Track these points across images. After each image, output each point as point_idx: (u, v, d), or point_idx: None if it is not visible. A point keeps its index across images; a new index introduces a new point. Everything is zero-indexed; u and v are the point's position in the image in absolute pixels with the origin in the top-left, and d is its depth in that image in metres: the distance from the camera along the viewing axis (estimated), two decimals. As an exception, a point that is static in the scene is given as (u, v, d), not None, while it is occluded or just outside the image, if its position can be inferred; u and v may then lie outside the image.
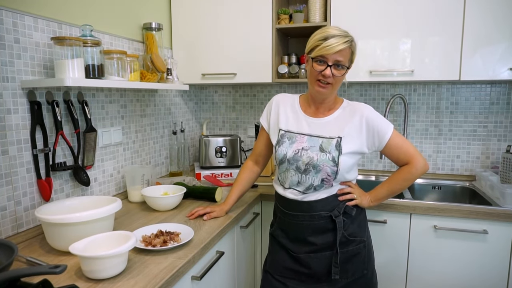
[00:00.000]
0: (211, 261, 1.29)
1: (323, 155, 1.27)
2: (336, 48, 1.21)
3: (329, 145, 1.29)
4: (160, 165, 2.09)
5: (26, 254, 1.12)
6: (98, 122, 1.59)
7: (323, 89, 1.27)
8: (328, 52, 1.22)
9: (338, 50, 1.21)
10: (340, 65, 1.24)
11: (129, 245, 0.98)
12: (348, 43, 1.23)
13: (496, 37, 1.69)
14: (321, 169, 1.27)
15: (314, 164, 1.27)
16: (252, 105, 2.48)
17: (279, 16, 2.00)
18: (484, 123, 2.08)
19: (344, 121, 1.32)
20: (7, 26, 1.18)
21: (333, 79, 1.25)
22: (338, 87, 1.31)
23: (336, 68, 1.24)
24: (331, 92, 1.30)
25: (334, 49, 1.21)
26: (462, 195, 2.01)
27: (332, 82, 1.26)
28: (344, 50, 1.23)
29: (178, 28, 2.12)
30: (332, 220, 1.30)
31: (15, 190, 1.22)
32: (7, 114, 1.19)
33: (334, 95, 1.35)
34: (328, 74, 1.24)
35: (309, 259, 1.33)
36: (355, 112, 1.32)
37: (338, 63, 1.24)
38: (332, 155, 1.27)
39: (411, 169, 1.32)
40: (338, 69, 1.25)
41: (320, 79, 1.26)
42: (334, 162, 1.27)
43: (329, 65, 1.23)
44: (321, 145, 1.29)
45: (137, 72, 1.57)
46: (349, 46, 1.24)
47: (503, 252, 1.57)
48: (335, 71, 1.24)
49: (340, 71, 1.25)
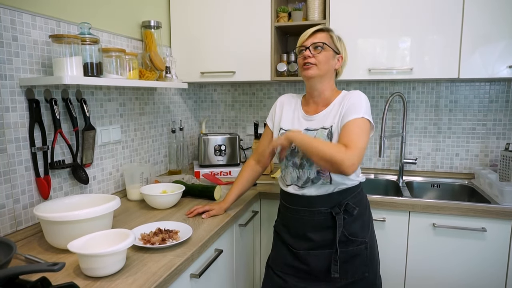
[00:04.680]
0: (209, 259, 1.29)
1: None
2: (308, 33, 1.34)
3: (321, 136, 1.30)
4: (159, 163, 2.09)
5: (25, 252, 1.12)
6: (96, 120, 1.58)
7: (308, 70, 1.32)
8: (303, 39, 1.35)
9: (311, 33, 1.33)
10: (317, 46, 1.31)
11: (127, 243, 0.99)
12: (322, 27, 1.35)
13: (495, 35, 1.69)
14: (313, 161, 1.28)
15: (307, 157, 1.28)
16: (251, 104, 2.48)
17: (278, 14, 2.00)
18: (483, 121, 2.08)
19: (336, 110, 1.32)
20: (5, 23, 1.18)
21: (315, 59, 1.31)
22: (325, 69, 1.32)
23: (314, 49, 1.32)
24: (317, 74, 1.31)
25: (307, 34, 1.34)
26: (461, 193, 2.01)
27: (314, 63, 1.31)
28: (317, 34, 1.33)
29: (177, 26, 2.11)
30: (332, 217, 1.30)
31: (13, 188, 1.22)
32: (5, 112, 1.19)
33: (327, 85, 1.35)
34: (308, 54, 1.32)
35: (307, 255, 1.33)
36: (345, 99, 1.32)
37: (315, 44, 1.32)
38: None
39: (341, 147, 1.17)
40: (316, 49, 1.32)
41: (304, 63, 1.32)
42: None
43: (307, 47, 1.32)
44: (314, 137, 1.30)
45: (135, 70, 1.57)
46: (324, 30, 1.34)
47: (502, 250, 1.58)
48: (314, 51, 1.32)
49: (319, 50, 1.32)
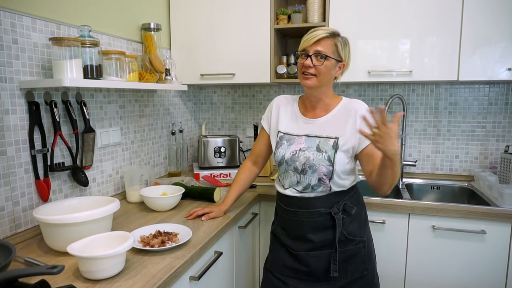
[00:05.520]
0: (209, 261, 1.29)
1: (319, 154, 1.28)
2: (313, 39, 1.25)
3: (326, 144, 1.29)
4: (159, 165, 2.09)
5: (24, 255, 1.12)
6: (96, 122, 1.59)
7: (307, 80, 1.28)
8: (307, 44, 1.26)
9: (317, 40, 1.25)
10: (320, 55, 1.26)
11: (127, 245, 0.98)
12: (328, 33, 1.26)
13: (495, 37, 1.70)
14: (317, 169, 1.27)
15: (310, 164, 1.28)
16: (250, 106, 2.48)
17: (278, 17, 2.00)
18: (482, 124, 2.09)
19: (341, 119, 1.32)
20: (5, 26, 1.18)
21: (316, 70, 1.26)
22: (326, 79, 1.30)
23: (316, 58, 1.26)
24: (317, 85, 1.29)
25: (312, 40, 1.25)
26: (461, 195, 2.01)
27: (315, 73, 1.27)
28: (323, 41, 1.25)
29: (177, 28, 2.12)
30: (331, 217, 1.30)
31: (13, 191, 1.22)
32: (5, 115, 1.19)
33: (326, 92, 1.34)
34: (308, 64, 1.26)
35: (307, 257, 1.33)
36: (351, 110, 1.32)
37: (318, 53, 1.26)
38: (328, 154, 1.28)
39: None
40: (318, 60, 1.26)
41: (304, 71, 1.28)
42: (330, 161, 1.27)
43: (309, 55, 1.26)
44: (318, 145, 1.30)
45: (135, 72, 1.57)
46: (329, 37, 1.26)
47: (501, 252, 1.58)
48: (316, 61, 1.26)
49: (321, 61, 1.26)
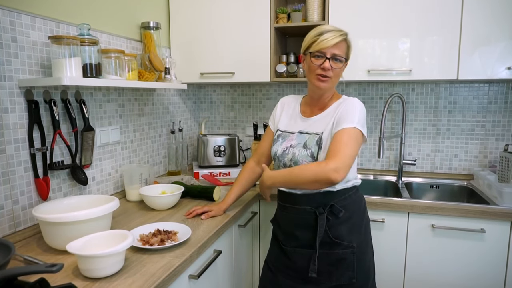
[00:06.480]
0: (208, 260, 1.29)
1: (303, 151, 1.30)
2: (332, 41, 1.24)
3: (312, 141, 1.30)
4: (158, 164, 2.09)
5: (23, 253, 1.12)
6: (96, 121, 1.59)
7: (323, 83, 1.28)
8: (325, 45, 1.24)
9: (335, 43, 1.25)
10: (337, 58, 1.26)
11: (126, 244, 0.98)
12: (343, 36, 1.27)
13: (495, 36, 1.69)
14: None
15: (295, 160, 1.30)
16: (250, 104, 2.48)
17: (277, 15, 2.00)
18: (482, 122, 2.08)
19: (331, 116, 1.31)
20: (4, 25, 1.18)
21: (332, 72, 1.27)
22: (337, 81, 1.32)
23: (334, 61, 1.26)
24: (330, 87, 1.31)
25: (331, 42, 1.24)
26: (460, 194, 2.01)
27: (331, 76, 1.27)
28: (340, 43, 1.26)
29: (176, 27, 2.11)
30: (316, 216, 1.29)
31: (12, 189, 1.22)
32: (4, 113, 1.19)
33: (332, 91, 1.36)
34: (328, 67, 1.26)
35: (294, 253, 1.33)
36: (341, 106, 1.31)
37: (335, 57, 1.26)
38: (311, 150, 1.28)
39: (321, 163, 1.19)
40: (336, 63, 1.27)
41: (320, 73, 1.27)
42: (313, 157, 1.27)
43: (328, 58, 1.25)
44: (306, 141, 1.31)
45: (135, 71, 1.57)
46: (344, 40, 1.28)
47: (501, 251, 1.58)
48: (333, 64, 1.26)
49: (338, 64, 1.27)
